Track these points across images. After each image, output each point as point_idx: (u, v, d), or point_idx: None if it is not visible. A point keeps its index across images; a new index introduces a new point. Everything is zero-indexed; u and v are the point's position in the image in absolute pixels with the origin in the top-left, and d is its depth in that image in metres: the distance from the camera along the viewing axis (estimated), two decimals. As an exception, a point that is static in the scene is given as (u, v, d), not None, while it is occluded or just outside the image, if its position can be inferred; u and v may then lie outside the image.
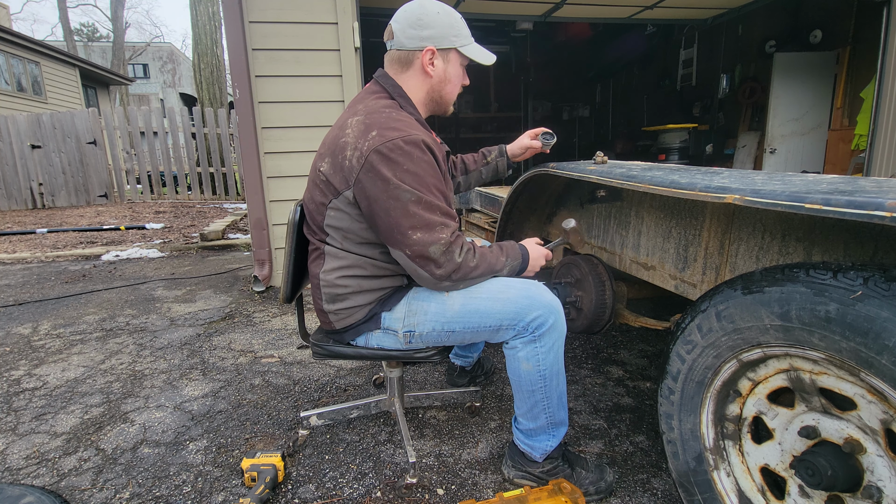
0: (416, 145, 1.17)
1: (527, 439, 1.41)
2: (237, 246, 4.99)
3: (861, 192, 0.79)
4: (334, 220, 1.27)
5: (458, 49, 1.32)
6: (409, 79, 1.32)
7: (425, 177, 1.18)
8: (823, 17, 5.09)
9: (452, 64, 1.33)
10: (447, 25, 1.29)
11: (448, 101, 1.39)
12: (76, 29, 25.92)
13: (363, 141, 1.17)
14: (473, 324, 1.28)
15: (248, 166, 3.14)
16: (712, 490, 1.10)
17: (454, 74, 1.35)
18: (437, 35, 1.28)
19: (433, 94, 1.35)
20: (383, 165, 1.15)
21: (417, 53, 1.29)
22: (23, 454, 1.65)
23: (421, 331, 1.32)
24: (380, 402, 1.72)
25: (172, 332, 2.71)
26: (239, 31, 2.96)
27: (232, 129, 8.35)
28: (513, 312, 1.25)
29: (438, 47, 1.29)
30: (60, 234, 5.87)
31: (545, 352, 1.27)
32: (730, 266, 1.34)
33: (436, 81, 1.33)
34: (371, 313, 1.35)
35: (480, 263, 1.27)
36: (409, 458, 1.48)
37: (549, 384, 1.31)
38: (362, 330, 1.37)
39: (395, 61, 1.32)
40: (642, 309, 1.95)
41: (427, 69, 1.30)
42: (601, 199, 1.90)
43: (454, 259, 1.21)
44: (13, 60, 10.70)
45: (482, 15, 5.24)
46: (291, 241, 1.41)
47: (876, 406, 0.83)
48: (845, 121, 5.08)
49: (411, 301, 1.33)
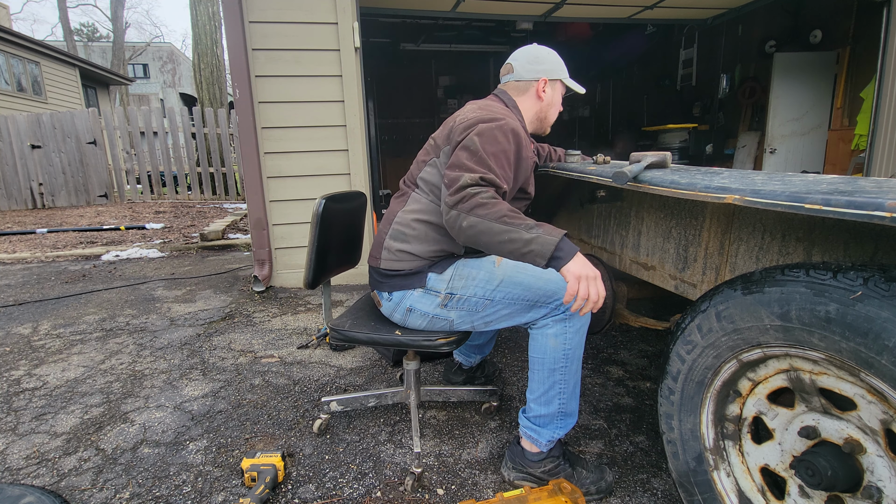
0: (508, 132, 1.38)
1: (535, 426, 1.42)
2: (237, 246, 4.99)
3: (861, 193, 0.79)
4: (427, 174, 1.47)
5: (563, 80, 1.62)
6: (523, 101, 1.60)
7: (501, 157, 1.35)
8: (823, 17, 5.09)
9: (557, 92, 1.63)
10: (555, 62, 1.61)
11: (549, 122, 1.66)
12: (76, 29, 25.92)
13: (473, 116, 1.41)
14: (515, 294, 1.38)
15: (248, 166, 3.14)
16: (712, 490, 1.10)
17: (557, 100, 1.64)
18: (549, 69, 1.58)
19: (540, 114, 1.62)
20: (480, 133, 1.35)
21: (533, 83, 1.58)
22: (23, 454, 1.65)
23: (463, 294, 1.42)
24: (396, 394, 1.75)
25: (172, 332, 2.71)
26: (239, 31, 2.96)
27: (232, 129, 8.35)
28: (552, 290, 1.35)
29: (550, 78, 1.59)
30: (60, 234, 5.87)
31: (573, 332, 1.36)
32: (730, 266, 1.34)
33: (545, 104, 1.61)
34: (419, 269, 1.45)
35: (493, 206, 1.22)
36: (414, 447, 1.50)
37: (569, 366, 1.37)
38: (404, 284, 1.46)
39: (512, 89, 1.61)
40: (642, 309, 1.96)
41: (540, 94, 1.59)
42: (601, 199, 1.91)
43: (469, 191, 1.26)
44: (13, 60, 10.70)
45: (482, 15, 5.24)
46: (315, 230, 1.51)
47: (876, 406, 0.83)
48: (845, 121, 5.07)
49: (460, 267, 1.45)
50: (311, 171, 3.30)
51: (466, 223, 1.24)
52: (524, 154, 1.45)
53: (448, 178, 1.32)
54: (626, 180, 1.21)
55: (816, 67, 5.11)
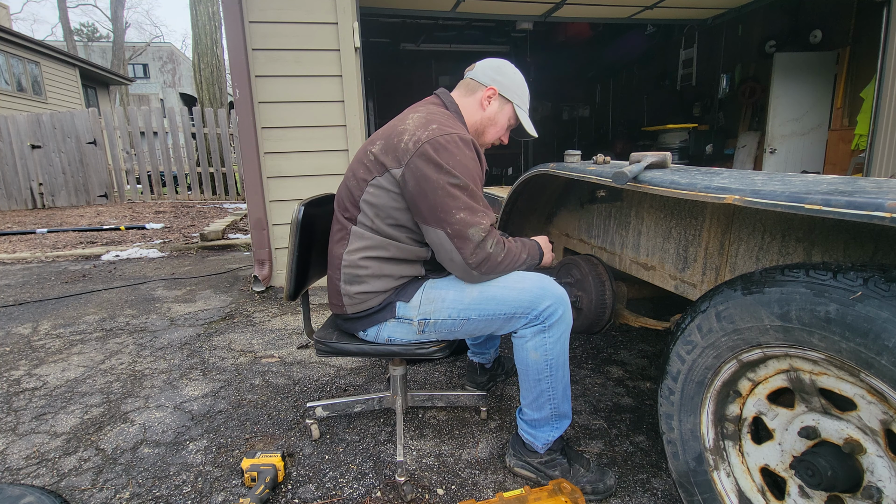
0: (468, 144, 1.32)
1: (531, 429, 1.44)
2: (237, 246, 4.99)
3: (861, 193, 0.79)
4: (372, 196, 1.34)
5: (515, 106, 1.51)
6: (468, 104, 1.50)
7: (473, 171, 1.31)
8: (823, 17, 5.09)
9: (503, 114, 1.51)
10: (516, 85, 1.51)
11: (485, 140, 1.55)
12: (76, 29, 25.92)
13: (423, 131, 1.29)
14: (489, 311, 1.34)
15: (248, 166, 3.14)
16: (712, 490, 1.10)
17: (501, 122, 1.52)
18: (505, 85, 1.49)
19: (479, 126, 1.51)
20: (438, 153, 1.26)
21: (483, 88, 1.48)
22: (23, 454, 1.65)
23: (437, 318, 1.37)
24: (383, 399, 1.73)
25: (172, 332, 2.71)
26: (239, 31, 2.96)
27: (232, 129, 8.35)
28: (527, 301, 1.32)
29: (501, 93, 1.49)
30: (60, 234, 5.87)
31: (553, 342, 1.33)
32: (730, 266, 1.34)
33: (486, 117, 1.50)
34: (386, 302, 1.40)
35: (506, 258, 1.34)
36: (397, 456, 1.48)
37: (555, 374, 1.36)
38: (376, 320, 1.41)
39: (464, 86, 1.52)
40: (642, 309, 1.96)
41: (483, 103, 1.49)
42: (601, 200, 1.91)
43: (486, 248, 1.29)
44: (13, 60, 10.70)
45: (482, 15, 5.24)
46: (295, 239, 1.44)
47: (876, 406, 0.83)
48: (845, 121, 5.08)
49: (428, 290, 1.39)
50: (312, 171, 3.30)
51: (488, 278, 1.35)
52: (482, 165, 1.39)
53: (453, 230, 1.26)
54: (626, 180, 1.21)
55: (816, 67, 5.11)
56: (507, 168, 8.67)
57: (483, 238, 1.28)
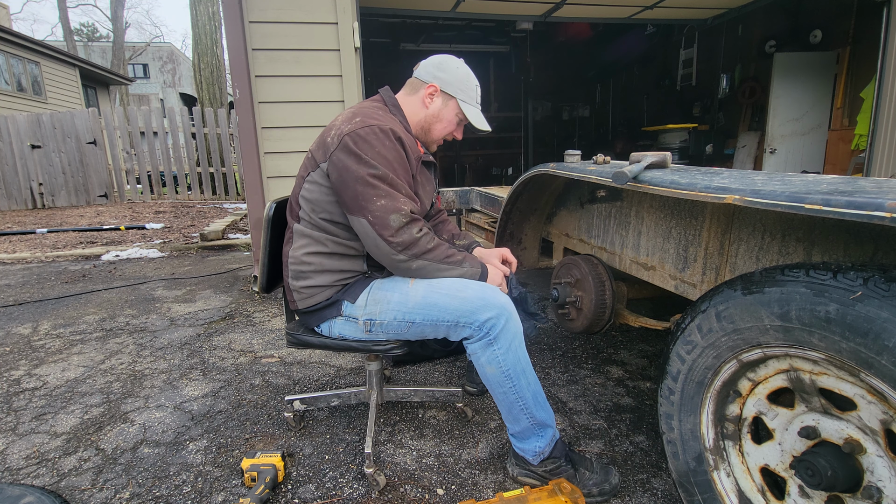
0: (387, 134, 1.32)
1: (518, 443, 1.43)
2: (237, 246, 4.99)
3: (861, 193, 0.79)
4: (307, 191, 1.40)
5: (459, 101, 1.50)
6: (411, 103, 1.51)
7: (393, 161, 1.32)
8: (823, 17, 5.09)
9: (448, 109, 1.51)
10: (459, 80, 1.50)
11: (433, 137, 1.55)
12: (76, 29, 25.92)
13: (347, 125, 1.33)
14: (432, 317, 1.36)
15: (248, 166, 3.14)
16: (712, 490, 1.10)
17: (447, 118, 1.52)
18: (448, 81, 1.49)
19: (424, 124, 1.52)
20: (357, 144, 1.29)
21: (424, 86, 1.49)
22: (23, 454, 1.65)
23: (382, 319, 1.40)
24: (359, 394, 1.76)
25: (172, 332, 2.71)
26: (239, 31, 2.96)
27: (232, 129, 8.35)
28: (468, 311, 1.32)
29: (442, 89, 1.49)
30: (60, 234, 5.87)
31: (503, 352, 1.33)
32: (730, 266, 1.34)
33: (430, 114, 1.51)
34: (333, 299, 1.43)
35: (436, 248, 1.35)
36: (366, 447, 1.49)
37: (517, 384, 1.34)
38: (325, 316, 1.44)
39: (409, 85, 1.54)
40: (642, 309, 1.96)
41: (426, 101, 1.50)
42: (601, 199, 1.91)
43: (412, 233, 1.30)
44: (13, 60, 10.70)
45: (482, 15, 5.24)
46: (267, 234, 1.54)
47: (876, 406, 0.83)
48: (845, 121, 5.08)
49: (374, 291, 1.41)
50: (311, 171, 3.30)
51: (416, 265, 1.34)
52: (410, 155, 1.39)
53: (373, 217, 1.27)
54: (626, 180, 1.21)
55: (816, 67, 5.11)
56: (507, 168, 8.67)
57: (405, 223, 1.29)
